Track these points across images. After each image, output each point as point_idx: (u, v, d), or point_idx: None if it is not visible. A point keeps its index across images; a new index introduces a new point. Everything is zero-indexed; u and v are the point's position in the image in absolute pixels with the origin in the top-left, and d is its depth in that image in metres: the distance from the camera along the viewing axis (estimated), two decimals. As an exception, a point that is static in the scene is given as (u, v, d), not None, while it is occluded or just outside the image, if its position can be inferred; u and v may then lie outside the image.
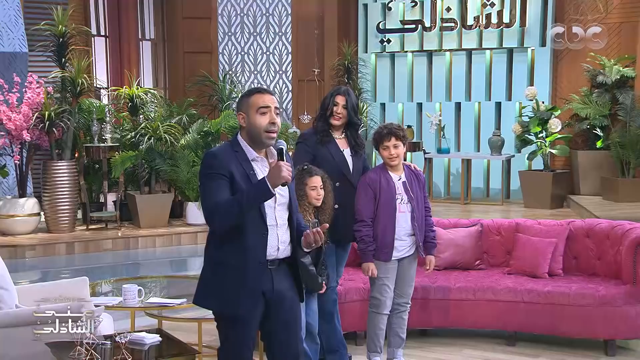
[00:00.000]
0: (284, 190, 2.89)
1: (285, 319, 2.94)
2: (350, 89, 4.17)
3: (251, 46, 11.63)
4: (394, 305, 4.12)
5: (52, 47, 8.31)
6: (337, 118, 4.05)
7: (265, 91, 2.91)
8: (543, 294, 4.62)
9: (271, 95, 2.90)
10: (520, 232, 5.09)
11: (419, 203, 4.07)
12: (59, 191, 8.17)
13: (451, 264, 5.06)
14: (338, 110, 4.04)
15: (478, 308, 4.73)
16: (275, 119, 2.86)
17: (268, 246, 2.85)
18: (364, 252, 4.01)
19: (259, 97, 2.88)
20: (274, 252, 2.87)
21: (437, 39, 10.72)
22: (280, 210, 2.90)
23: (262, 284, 2.87)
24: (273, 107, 2.86)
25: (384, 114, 11.16)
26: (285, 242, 2.90)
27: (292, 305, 2.96)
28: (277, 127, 2.86)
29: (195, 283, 2.99)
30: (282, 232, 2.89)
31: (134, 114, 8.91)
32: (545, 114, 9.27)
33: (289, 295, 2.94)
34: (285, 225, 2.91)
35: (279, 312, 2.93)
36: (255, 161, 2.89)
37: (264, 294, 2.89)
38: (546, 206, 9.27)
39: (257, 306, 2.88)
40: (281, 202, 2.90)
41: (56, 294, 3.37)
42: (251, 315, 2.88)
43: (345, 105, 4.04)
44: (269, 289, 2.89)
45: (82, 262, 7.67)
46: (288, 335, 2.96)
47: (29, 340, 3.29)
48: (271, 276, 2.89)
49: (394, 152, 4.00)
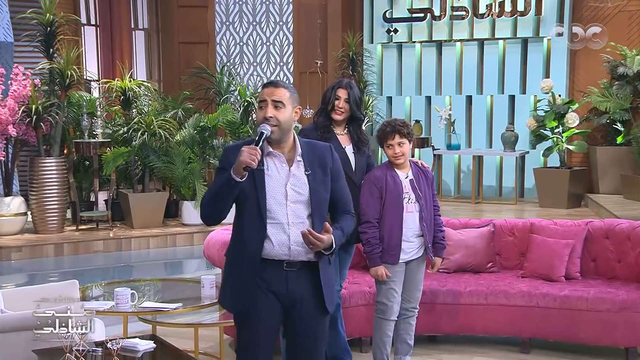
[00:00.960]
0: (300, 187, 2.90)
1: (305, 327, 2.95)
2: (352, 82, 4.16)
3: (250, 36, 11.63)
4: (402, 310, 4.11)
5: (39, 37, 8.32)
6: (338, 112, 4.04)
7: (267, 84, 2.96)
8: (559, 299, 4.61)
9: (273, 87, 2.92)
10: (535, 233, 5.08)
11: (427, 202, 4.06)
12: (47, 189, 8.18)
13: (462, 266, 5.06)
14: (340, 105, 4.04)
15: (490, 313, 4.73)
16: (269, 112, 2.87)
17: (274, 245, 2.86)
18: (371, 255, 4.00)
19: (260, 92, 2.97)
20: (284, 252, 2.88)
21: (447, 28, 10.71)
22: (296, 208, 2.89)
23: (272, 284, 2.88)
24: (270, 100, 2.89)
25: (390, 108, 11.17)
26: (299, 243, 2.88)
27: (311, 312, 2.95)
28: (274, 121, 2.87)
29: (191, 286, 3.00)
30: (296, 230, 2.87)
31: (126, 108, 8.92)
32: (562, 108, 9.26)
33: (309, 302, 2.94)
34: (302, 224, 2.89)
35: (296, 319, 2.94)
36: (270, 156, 2.92)
37: (278, 297, 2.90)
38: (563, 205, 9.27)
39: (260, 306, 2.88)
40: (296, 199, 2.90)
41: (43, 297, 3.36)
42: (257, 315, 2.89)
43: (348, 99, 4.04)
44: (282, 291, 2.90)
45: (72, 265, 7.68)
46: (306, 344, 2.97)
47: (15, 347, 3.30)
48: (286, 278, 2.90)
49: (398, 150, 3.99)
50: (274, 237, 2.87)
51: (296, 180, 2.91)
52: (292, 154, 2.95)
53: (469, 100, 10.73)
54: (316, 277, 2.93)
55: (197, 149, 8.87)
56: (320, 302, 2.95)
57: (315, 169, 2.95)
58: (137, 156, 8.67)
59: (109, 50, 10.99)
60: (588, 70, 10.06)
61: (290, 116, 2.92)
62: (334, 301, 3.02)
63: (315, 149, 3.01)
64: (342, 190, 3.05)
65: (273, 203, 2.87)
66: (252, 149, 2.76)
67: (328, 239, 2.85)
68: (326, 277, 2.96)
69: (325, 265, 2.96)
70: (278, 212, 2.88)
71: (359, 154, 4.12)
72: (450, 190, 10.77)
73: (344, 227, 3.00)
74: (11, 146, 8.28)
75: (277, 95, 2.90)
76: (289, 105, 2.91)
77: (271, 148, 2.93)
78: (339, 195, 3.03)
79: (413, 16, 10.86)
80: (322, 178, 2.96)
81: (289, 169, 2.92)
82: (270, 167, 2.91)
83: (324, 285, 2.94)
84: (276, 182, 2.89)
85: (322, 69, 11.06)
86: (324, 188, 2.96)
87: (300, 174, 2.92)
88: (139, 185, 8.83)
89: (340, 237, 2.95)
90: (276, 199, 2.88)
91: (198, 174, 8.62)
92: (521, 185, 10.41)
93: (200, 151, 8.88)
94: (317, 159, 2.97)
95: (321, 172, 2.96)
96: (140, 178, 8.83)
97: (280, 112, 2.88)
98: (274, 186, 2.89)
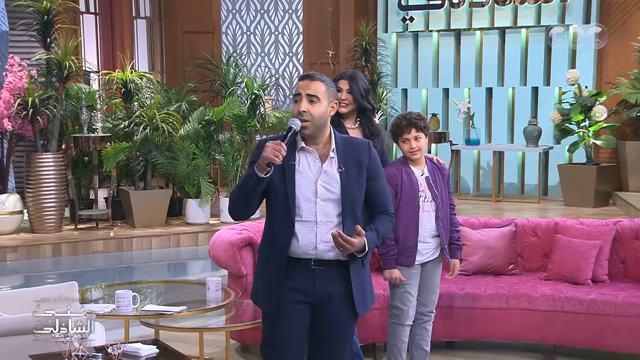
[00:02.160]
0: (331, 185, 2.93)
1: (331, 329, 2.99)
2: (356, 72, 4.20)
3: (258, 25, 11.65)
4: (417, 314, 4.12)
5: (36, 26, 8.36)
6: (342, 105, 4.09)
7: (303, 77, 3.00)
8: (586, 303, 4.60)
9: (309, 80, 2.96)
10: (559, 233, 5.07)
11: (443, 201, 4.06)
12: (44, 186, 8.22)
13: (481, 268, 5.06)
14: (342, 97, 4.08)
15: (511, 318, 4.72)
16: (302, 106, 2.92)
17: (300, 243, 2.91)
18: (386, 257, 4.01)
19: (296, 84, 3.01)
20: (311, 250, 2.92)
21: (466, 16, 10.68)
22: (325, 206, 2.93)
23: (300, 283, 2.93)
24: (305, 94, 2.93)
25: (405, 101, 11.16)
26: (327, 242, 2.91)
27: (340, 313, 2.99)
28: (307, 116, 2.91)
29: (195, 288, 3.03)
30: (324, 230, 2.91)
31: (127, 100, 8.95)
32: (589, 100, 9.22)
33: (338, 302, 2.97)
34: (331, 222, 2.93)
35: (323, 319, 2.99)
36: (303, 151, 2.96)
37: (305, 296, 2.94)
38: (589, 204, 9.24)
39: (287, 305, 2.93)
40: (326, 197, 2.93)
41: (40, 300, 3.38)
42: (284, 314, 2.93)
43: (350, 89, 4.09)
44: (309, 291, 2.94)
45: (70, 266, 7.73)
46: (329, 347, 3.01)
47: (11, 352, 3.32)
48: (313, 277, 2.94)
49: (415, 145, 3.99)
50: (301, 235, 2.92)
51: (327, 177, 2.94)
52: (326, 150, 2.99)
53: (489, 92, 10.70)
54: (347, 277, 2.97)
55: (202, 144, 8.89)
56: (350, 304, 2.99)
57: (349, 166, 2.97)
58: (139, 152, 8.70)
59: (109, 40, 11.04)
60: (617, 60, 10.01)
61: (326, 111, 2.96)
62: (366, 304, 3.05)
63: (352, 145, 3.03)
64: (379, 190, 3.06)
65: (302, 200, 2.92)
66: (277, 144, 2.79)
67: (359, 242, 2.87)
68: (358, 278, 3.00)
69: (358, 266, 3.00)
70: (306, 209, 2.92)
71: None
72: (469, 188, 10.76)
73: (379, 228, 3.02)
74: (6, 141, 8.33)
75: (313, 89, 2.95)
76: (325, 100, 2.95)
77: (304, 143, 2.97)
78: (375, 195, 3.05)
79: (430, 3, 10.83)
80: (357, 176, 2.98)
81: (321, 165, 2.95)
82: (302, 163, 2.95)
83: (355, 286, 2.98)
84: (306, 179, 2.94)
85: (334, 59, 11.06)
86: (358, 187, 2.98)
87: (332, 171, 2.95)
88: (141, 182, 8.86)
89: (374, 239, 2.97)
90: (305, 196, 2.92)
91: (203, 170, 8.65)
92: (545, 183, 10.38)
93: (205, 146, 8.90)
94: (353, 156, 3.00)
95: (356, 170, 2.98)
96: (142, 175, 8.86)
97: (315, 106, 2.93)
98: (303, 182, 2.93)
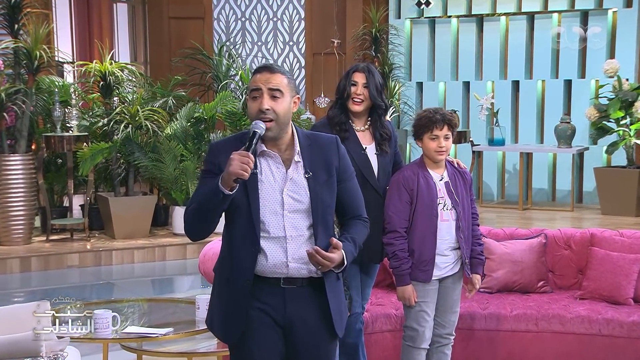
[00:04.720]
0: (298, 194, 2.89)
1: (307, 354, 2.95)
2: (372, 65, 4.16)
3: (254, 10, 11.67)
4: (434, 337, 4.12)
5: (2, 10, 8.38)
6: (357, 101, 4.03)
7: (260, 69, 2.91)
8: (627, 325, 4.59)
9: (269, 72, 2.88)
10: (596, 246, 5.07)
11: (464, 209, 4.06)
12: (11, 192, 8.24)
13: (507, 285, 5.05)
14: (357, 91, 4.02)
15: (541, 342, 4.71)
16: (265, 104, 2.84)
17: (269, 262, 2.87)
18: (399, 271, 4.00)
19: (252, 79, 2.92)
20: (282, 269, 2.88)
21: (489, 0, 10.69)
22: (294, 219, 2.88)
23: (268, 305, 2.89)
24: (266, 89, 2.86)
25: (420, 96, 11.16)
26: (299, 259, 2.88)
27: (316, 337, 2.95)
28: (272, 114, 2.84)
29: (183, 307, 3.03)
30: (295, 245, 2.88)
31: (106, 95, 8.96)
32: (630, 95, 9.22)
33: (313, 324, 2.94)
34: (302, 237, 2.89)
35: (297, 344, 2.94)
36: (264, 156, 2.90)
37: (275, 319, 2.91)
38: (630, 213, 9.23)
39: (255, 331, 2.89)
40: (294, 208, 2.88)
41: (8, 322, 3.38)
42: (252, 342, 2.89)
43: (367, 84, 4.03)
44: (279, 312, 2.90)
45: (41, 282, 7.74)
46: None
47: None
48: (283, 297, 2.90)
49: (444, 143, 3.99)
50: (270, 253, 2.87)
51: (294, 185, 2.89)
52: (290, 153, 2.92)
53: (515, 86, 10.71)
54: (322, 295, 2.94)
55: (191, 144, 8.90)
56: (327, 325, 2.95)
57: (317, 169, 2.92)
58: (120, 153, 8.71)
59: (86, 27, 11.06)
60: (661, 50, 10.02)
61: (289, 107, 2.90)
62: (343, 323, 3.02)
63: (317, 144, 2.97)
64: (351, 193, 3.03)
65: (267, 213, 2.87)
66: (244, 156, 2.71)
67: (338, 257, 2.84)
68: (334, 296, 2.96)
69: (333, 282, 2.96)
70: (273, 223, 2.87)
71: (382, 155, 4.08)
72: (492, 195, 10.75)
73: (355, 237, 2.98)
74: (-30, 141, 8.35)
75: (274, 82, 2.87)
76: (288, 95, 2.89)
77: (265, 147, 2.90)
78: (347, 199, 3.02)
79: (449, -15, 10.87)
80: (326, 180, 2.94)
81: (286, 172, 2.90)
82: (264, 171, 2.89)
83: (332, 306, 2.95)
84: (271, 188, 2.88)
85: (340, 49, 11.07)
86: (328, 193, 2.94)
87: (299, 178, 2.90)
88: (122, 188, 8.87)
89: (351, 250, 2.94)
90: (271, 209, 2.87)
91: (192, 174, 8.65)
92: (579, 189, 10.37)
93: (195, 147, 8.91)
94: (320, 158, 2.94)
95: (325, 174, 2.93)
96: (123, 179, 8.87)
97: (278, 102, 2.86)
98: (268, 193, 2.87)
